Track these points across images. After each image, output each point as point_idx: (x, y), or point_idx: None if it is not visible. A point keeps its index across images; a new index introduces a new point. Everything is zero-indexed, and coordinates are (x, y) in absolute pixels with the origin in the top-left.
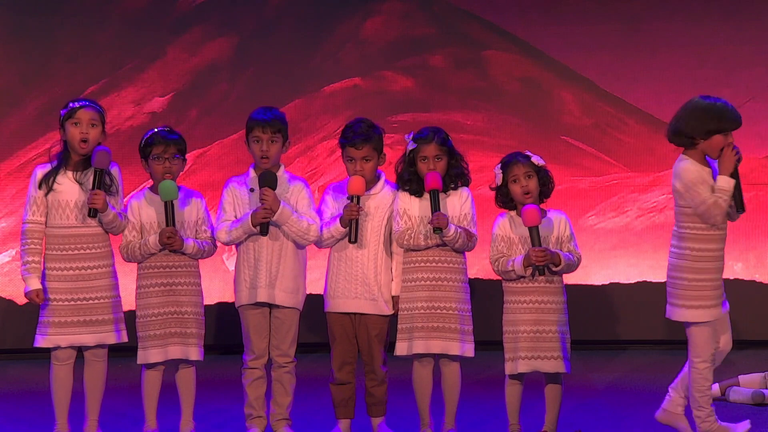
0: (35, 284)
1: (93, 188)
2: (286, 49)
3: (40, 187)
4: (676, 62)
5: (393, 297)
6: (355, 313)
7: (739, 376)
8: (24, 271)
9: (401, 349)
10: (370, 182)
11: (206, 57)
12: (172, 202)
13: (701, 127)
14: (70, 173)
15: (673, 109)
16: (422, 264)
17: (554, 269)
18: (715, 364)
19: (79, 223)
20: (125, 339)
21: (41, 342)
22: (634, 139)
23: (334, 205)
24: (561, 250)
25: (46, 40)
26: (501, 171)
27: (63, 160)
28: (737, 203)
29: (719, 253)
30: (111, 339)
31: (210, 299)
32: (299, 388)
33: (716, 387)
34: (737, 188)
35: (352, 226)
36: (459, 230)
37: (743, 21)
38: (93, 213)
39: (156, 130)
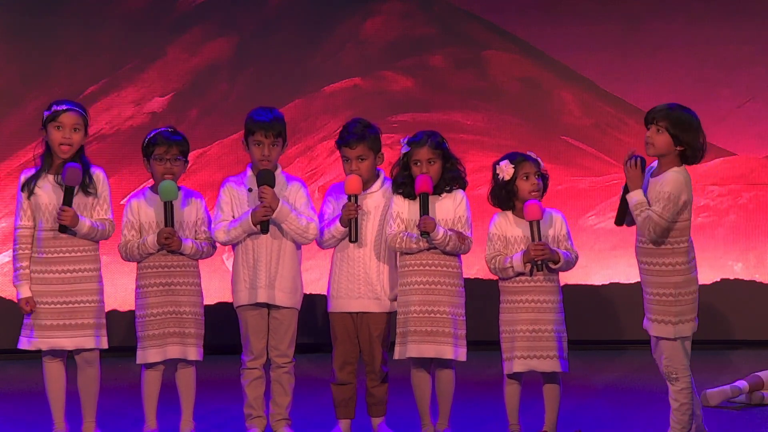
0: (26, 292)
1: (62, 204)
2: (286, 49)
3: (23, 190)
4: (676, 62)
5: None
6: (357, 313)
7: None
8: (15, 278)
9: (397, 353)
10: (369, 181)
11: (206, 57)
12: (171, 202)
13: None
14: (51, 177)
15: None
16: (417, 267)
17: (553, 267)
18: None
19: (51, 227)
20: (105, 346)
21: (24, 344)
22: (634, 139)
23: (335, 206)
24: (559, 249)
25: (46, 40)
26: (512, 166)
27: (45, 163)
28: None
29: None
30: (90, 343)
31: (210, 299)
32: (299, 388)
33: (745, 383)
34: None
35: (351, 225)
36: (449, 233)
37: (743, 21)
38: (62, 229)
39: (159, 130)
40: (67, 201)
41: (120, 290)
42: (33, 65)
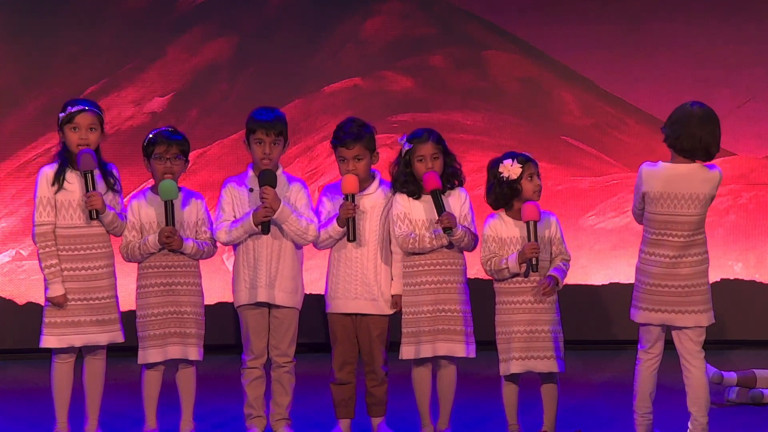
0: (60, 290)
1: (87, 191)
2: (286, 49)
3: (53, 184)
4: (676, 62)
5: (393, 296)
6: (356, 314)
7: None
8: (48, 275)
9: (408, 353)
10: (365, 181)
11: (206, 57)
12: (172, 201)
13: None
14: (76, 173)
15: (672, 109)
16: (427, 267)
17: (558, 289)
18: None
19: (85, 223)
20: (124, 339)
21: (51, 342)
22: (634, 139)
23: (330, 206)
24: (552, 251)
25: (46, 40)
26: (520, 166)
27: (67, 160)
28: None
29: None
30: (119, 338)
31: (210, 299)
32: (299, 388)
33: (733, 375)
34: None
35: (349, 224)
36: (464, 229)
37: (743, 21)
38: (95, 215)
39: (160, 129)
40: (91, 186)
41: (120, 290)
42: (33, 65)
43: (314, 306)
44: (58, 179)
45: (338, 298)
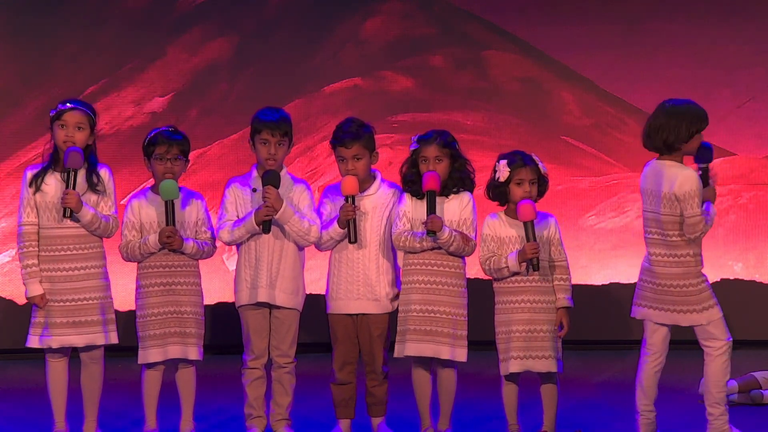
0: (37, 290)
1: (66, 188)
2: (286, 49)
3: (30, 186)
4: (676, 62)
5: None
6: (357, 314)
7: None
8: (25, 275)
9: (396, 351)
10: (366, 181)
11: (206, 57)
12: (172, 201)
13: (686, 130)
14: (57, 174)
15: None
16: (419, 267)
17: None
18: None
19: (57, 224)
20: (115, 341)
21: (33, 342)
22: (634, 139)
23: (331, 207)
24: (550, 251)
25: (46, 40)
26: (509, 169)
27: (52, 161)
28: None
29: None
30: (100, 340)
31: (210, 299)
32: (299, 388)
33: (734, 383)
34: None
35: (350, 226)
36: (454, 234)
37: (743, 21)
38: (67, 213)
39: (160, 129)
40: (71, 184)
41: (120, 290)
42: (33, 65)
43: (315, 306)
44: (36, 181)
45: (340, 299)
